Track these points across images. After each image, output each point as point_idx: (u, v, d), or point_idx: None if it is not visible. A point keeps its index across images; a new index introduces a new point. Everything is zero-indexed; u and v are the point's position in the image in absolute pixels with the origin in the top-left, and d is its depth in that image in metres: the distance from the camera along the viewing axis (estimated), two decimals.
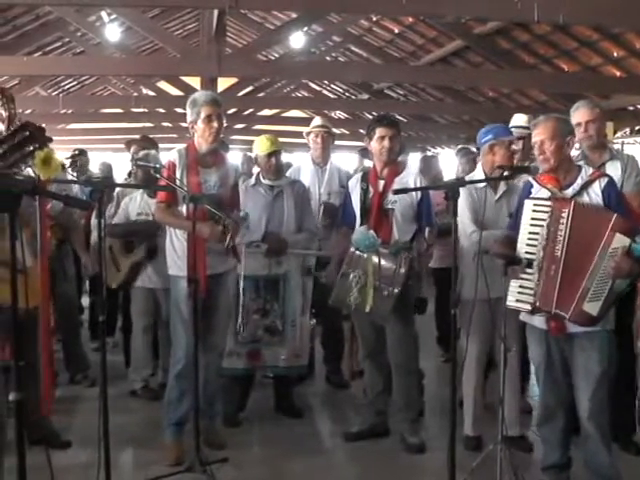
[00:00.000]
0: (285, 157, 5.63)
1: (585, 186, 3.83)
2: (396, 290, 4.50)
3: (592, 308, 3.64)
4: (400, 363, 4.83)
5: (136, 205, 5.89)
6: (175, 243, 4.61)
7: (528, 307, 3.81)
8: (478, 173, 4.81)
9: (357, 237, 4.63)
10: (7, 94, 4.13)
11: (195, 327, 4.23)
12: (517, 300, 3.84)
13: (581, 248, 3.66)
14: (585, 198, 3.81)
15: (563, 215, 3.70)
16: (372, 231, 4.61)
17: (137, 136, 8.43)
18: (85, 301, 7.61)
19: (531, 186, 4.03)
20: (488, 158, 4.70)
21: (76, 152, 8.07)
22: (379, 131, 4.78)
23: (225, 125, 4.71)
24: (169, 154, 4.68)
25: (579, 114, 4.53)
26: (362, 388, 5.24)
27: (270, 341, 5.31)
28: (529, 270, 3.77)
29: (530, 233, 3.82)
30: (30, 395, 2.66)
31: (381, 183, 4.81)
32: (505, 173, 4.24)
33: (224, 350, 4.97)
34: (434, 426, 5.21)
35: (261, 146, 5.29)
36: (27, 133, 2.95)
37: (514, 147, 4.87)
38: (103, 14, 13.06)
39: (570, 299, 3.66)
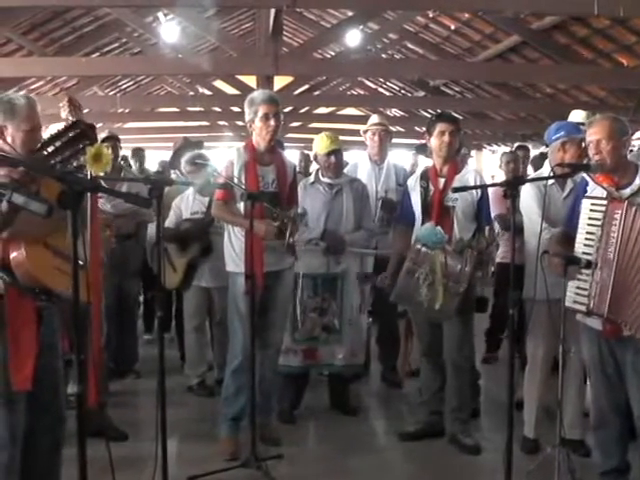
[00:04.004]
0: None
1: None
2: (462, 288, 4.48)
3: None
4: (457, 362, 4.79)
5: (189, 204, 5.92)
6: (233, 240, 4.65)
7: (584, 309, 3.74)
8: (545, 170, 4.73)
9: (424, 233, 4.61)
10: (74, 102, 4.20)
11: (252, 323, 4.27)
12: (574, 301, 3.77)
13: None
14: None
15: (616, 216, 3.63)
16: (439, 227, 4.59)
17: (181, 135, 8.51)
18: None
19: (586, 184, 3.95)
20: (558, 155, 4.59)
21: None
22: (440, 126, 4.76)
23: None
24: (228, 153, 4.73)
25: None
26: (417, 387, 5.21)
27: (327, 339, 5.32)
28: (585, 271, 3.71)
29: (587, 233, 3.74)
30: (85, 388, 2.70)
31: (441, 181, 4.78)
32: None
33: (281, 347, 4.99)
34: (489, 427, 5.16)
35: (321, 144, 5.30)
36: (78, 130, 2.99)
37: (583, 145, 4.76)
38: (160, 14, 13.22)
39: None
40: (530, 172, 7.29)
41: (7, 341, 3.17)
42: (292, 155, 8.10)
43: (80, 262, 2.54)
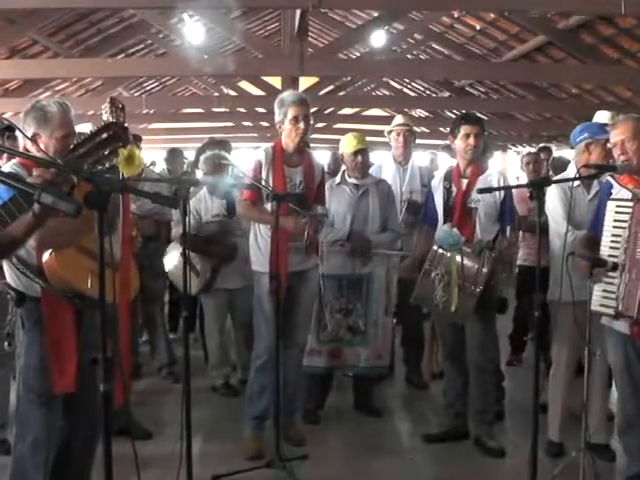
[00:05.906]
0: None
1: None
2: (478, 289, 4.46)
3: None
4: (479, 364, 4.76)
5: (209, 207, 5.87)
6: (259, 240, 4.66)
7: (612, 312, 3.70)
8: (571, 172, 4.71)
9: (441, 235, 4.61)
10: (117, 104, 4.23)
11: (277, 323, 4.28)
12: (601, 305, 3.74)
13: None
14: None
15: None
16: (456, 229, 4.58)
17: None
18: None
19: (611, 186, 3.92)
20: (583, 157, 4.55)
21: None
22: (464, 129, 4.73)
23: None
24: (256, 153, 4.74)
25: None
26: (442, 389, 5.19)
27: (352, 340, 5.32)
28: (612, 274, 3.67)
29: (613, 235, 3.71)
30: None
31: (464, 182, 4.76)
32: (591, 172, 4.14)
33: (305, 347, 5.00)
34: (514, 430, 5.12)
35: (347, 144, 5.30)
36: (111, 132, 3.01)
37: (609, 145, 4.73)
38: (185, 16, 13.28)
39: None
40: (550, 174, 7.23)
41: (46, 343, 3.21)
42: (321, 156, 8.06)
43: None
